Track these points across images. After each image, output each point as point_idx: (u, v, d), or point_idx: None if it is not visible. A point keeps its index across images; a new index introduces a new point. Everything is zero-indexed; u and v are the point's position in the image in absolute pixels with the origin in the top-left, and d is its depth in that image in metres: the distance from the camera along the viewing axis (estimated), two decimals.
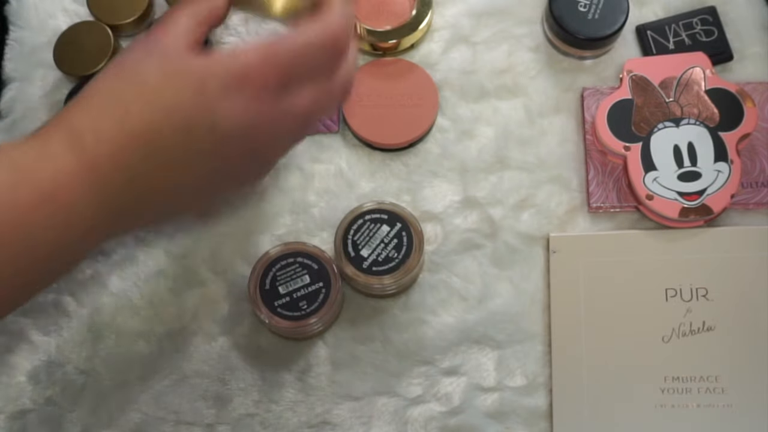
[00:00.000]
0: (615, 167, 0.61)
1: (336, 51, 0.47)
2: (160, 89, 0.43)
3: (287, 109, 0.45)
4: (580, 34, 0.62)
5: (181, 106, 0.43)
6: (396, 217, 0.57)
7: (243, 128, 0.44)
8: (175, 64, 0.44)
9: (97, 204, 0.42)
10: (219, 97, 0.43)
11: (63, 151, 0.41)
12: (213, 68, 0.43)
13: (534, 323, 0.60)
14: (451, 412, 0.58)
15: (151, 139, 0.42)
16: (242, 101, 0.43)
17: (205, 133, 0.43)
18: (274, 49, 0.44)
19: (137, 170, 0.42)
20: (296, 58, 0.45)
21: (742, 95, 0.61)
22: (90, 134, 0.42)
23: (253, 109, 0.44)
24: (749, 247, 0.59)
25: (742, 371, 0.57)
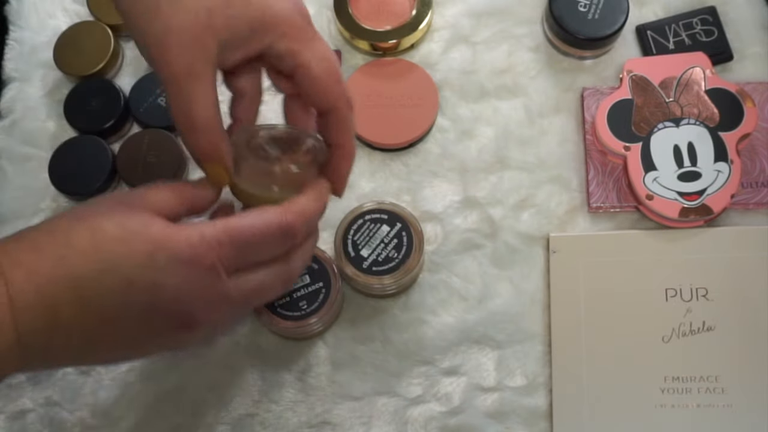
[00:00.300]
0: (615, 167, 0.62)
1: (290, 241, 0.47)
2: (113, 242, 0.43)
3: (230, 293, 0.45)
4: (580, 34, 0.62)
5: (128, 265, 0.43)
6: (396, 217, 0.57)
7: (181, 302, 0.44)
8: (137, 224, 0.44)
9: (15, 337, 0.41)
10: (166, 268, 0.43)
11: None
12: (169, 240, 0.44)
13: (534, 323, 0.60)
14: (451, 412, 0.58)
15: (87, 287, 0.42)
16: (188, 277, 0.44)
17: (143, 296, 0.43)
18: (230, 232, 0.45)
19: (64, 314, 0.42)
20: (250, 244, 0.45)
21: (742, 95, 0.61)
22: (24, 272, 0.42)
23: (196, 287, 0.44)
24: (749, 247, 0.59)
25: (742, 371, 0.57)
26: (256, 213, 0.46)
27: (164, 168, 0.62)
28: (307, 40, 0.48)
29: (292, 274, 0.49)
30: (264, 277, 0.47)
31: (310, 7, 0.67)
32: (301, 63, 0.48)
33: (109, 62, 0.65)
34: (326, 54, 0.49)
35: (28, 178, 0.64)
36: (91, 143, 0.63)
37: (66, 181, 0.62)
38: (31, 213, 0.63)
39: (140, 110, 0.64)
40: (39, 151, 0.65)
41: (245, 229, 0.45)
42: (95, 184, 0.62)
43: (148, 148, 0.62)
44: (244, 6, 0.46)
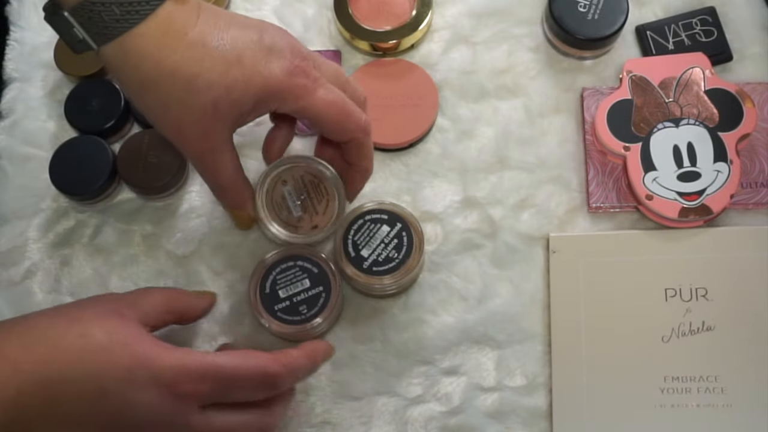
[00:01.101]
0: (615, 167, 0.62)
1: (270, 390, 0.49)
2: (99, 350, 0.45)
3: (195, 425, 0.46)
4: (580, 35, 0.62)
5: (106, 375, 0.44)
6: (396, 217, 0.57)
7: (146, 423, 0.45)
8: (125, 336, 0.46)
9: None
10: (143, 385, 0.45)
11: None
12: (152, 360, 0.45)
13: (534, 323, 0.60)
14: (451, 412, 0.58)
15: (61, 391, 0.43)
16: (160, 400, 0.45)
17: (113, 409, 0.44)
18: (214, 367, 0.47)
19: (33, 413, 0.43)
20: (230, 382, 0.47)
21: (741, 95, 0.61)
22: (7, 365, 0.43)
23: (165, 411, 0.45)
24: (749, 247, 0.59)
25: (742, 371, 0.57)
26: (246, 355, 0.49)
27: (164, 168, 0.62)
28: (309, 94, 0.50)
29: (269, 424, 0.50)
30: (236, 419, 0.48)
31: (309, 7, 0.67)
32: (309, 116, 0.51)
33: None
34: (330, 98, 0.51)
35: (28, 178, 0.64)
36: (92, 143, 0.63)
37: (66, 181, 0.62)
38: (31, 213, 0.64)
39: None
40: (39, 151, 0.65)
41: (229, 368, 0.47)
42: (95, 184, 0.62)
43: (148, 148, 0.62)
44: (245, 87, 0.48)
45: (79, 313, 0.47)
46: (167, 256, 0.62)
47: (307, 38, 0.67)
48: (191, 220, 0.63)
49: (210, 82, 0.47)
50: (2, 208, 0.64)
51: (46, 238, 0.63)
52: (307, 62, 0.50)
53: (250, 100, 0.49)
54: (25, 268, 0.62)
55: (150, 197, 0.63)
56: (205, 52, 0.47)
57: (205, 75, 0.47)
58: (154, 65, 0.46)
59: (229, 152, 0.52)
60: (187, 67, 0.46)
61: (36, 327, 0.46)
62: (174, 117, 0.48)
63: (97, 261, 0.62)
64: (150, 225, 0.63)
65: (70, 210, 0.64)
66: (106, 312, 0.48)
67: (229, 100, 0.48)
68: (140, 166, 0.62)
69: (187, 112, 0.48)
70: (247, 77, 0.48)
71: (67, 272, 0.62)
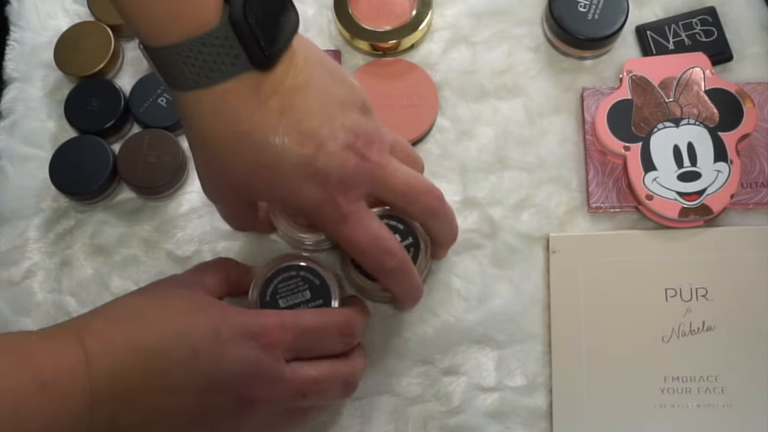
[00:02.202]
0: (615, 167, 0.62)
1: (347, 339, 0.51)
2: (181, 314, 0.46)
3: (286, 375, 0.47)
4: (580, 34, 0.62)
5: (194, 336, 0.45)
6: (403, 222, 0.56)
7: (241, 377, 0.46)
8: (203, 300, 0.48)
9: (87, 405, 0.43)
10: (231, 340, 0.46)
11: (69, 350, 0.43)
12: (234, 316, 0.47)
13: (534, 323, 0.60)
14: (451, 412, 0.58)
15: (155, 357, 0.44)
16: (249, 352, 0.46)
17: (207, 367, 0.45)
18: (293, 319, 0.49)
19: (133, 384, 0.44)
20: (310, 333, 0.49)
21: (741, 95, 0.61)
22: (99, 340, 0.44)
23: (256, 363, 0.46)
24: (749, 247, 0.59)
25: (742, 371, 0.57)
26: (318, 310, 0.52)
27: (164, 168, 0.62)
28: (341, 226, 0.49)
29: (350, 376, 0.51)
30: (323, 368, 0.49)
31: (309, 7, 0.67)
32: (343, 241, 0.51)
33: (109, 62, 0.65)
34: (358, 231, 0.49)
35: (28, 178, 0.64)
36: (91, 143, 0.63)
37: (66, 181, 0.62)
38: (31, 213, 0.64)
39: (140, 110, 0.64)
40: (39, 151, 0.65)
41: (307, 319, 0.49)
42: (95, 184, 0.62)
43: (148, 148, 0.62)
44: (267, 190, 0.49)
45: (154, 291, 0.49)
46: (167, 256, 0.62)
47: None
48: (191, 220, 0.63)
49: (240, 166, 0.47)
50: (2, 208, 0.64)
51: (46, 238, 0.63)
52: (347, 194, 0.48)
53: (272, 199, 0.52)
54: (25, 268, 0.62)
55: (150, 197, 0.63)
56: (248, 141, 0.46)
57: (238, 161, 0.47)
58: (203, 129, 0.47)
59: (242, 209, 0.54)
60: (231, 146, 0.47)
61: (119, 307, 0.47)
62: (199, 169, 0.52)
63: (97, 261, 0.62)
64: (150, 225, 0.63)
65: (70, 210, 0.64)
66: (179, 285, 0.50)
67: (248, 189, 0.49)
68: (140, 166, 0.62)
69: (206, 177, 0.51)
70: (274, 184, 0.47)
71: (67, 272, 0.62)
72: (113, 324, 0.45)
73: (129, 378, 0.44)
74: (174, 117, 0.63)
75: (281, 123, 0.46)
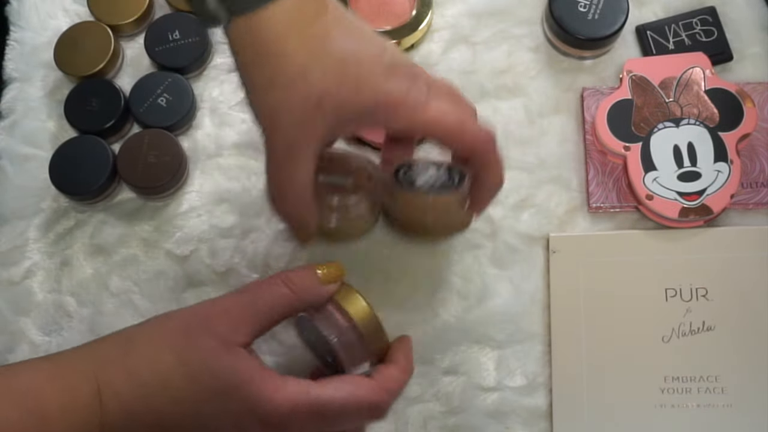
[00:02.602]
0: (615, 167, 0.62)
1: (375, 419, 0.48)
2: (207, 397, 0.44)
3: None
4: (580, 34, 0.62)
5: (217, 424, 0.45)
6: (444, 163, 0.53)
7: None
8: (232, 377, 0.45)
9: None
10: (250, 426, 0.45)
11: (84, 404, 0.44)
12: (261, 404, 0.45)
13: (534, 323, 0.60)
14: (451, 412, 0.58)
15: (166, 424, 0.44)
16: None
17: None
18: (318, 405, 0.45)
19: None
20: (336, 416, 0.46)
21: (741, 95, 0.61)
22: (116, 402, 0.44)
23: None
24: (749, 247, 0.59)
25: (742, 371, 0.57)
26: (352, 386, 0.47)
27: (164, 168, 0.62)
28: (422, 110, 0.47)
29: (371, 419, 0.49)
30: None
31: None
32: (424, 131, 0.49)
33: (109, 62, 0.65)
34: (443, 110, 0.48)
35: (28, 178, 0.64)
36: (91, 143, 0.63)
37: (66, 181, 0.62)
38: (31, 213, 0.64)
39: (140, 110, 0.64)
40: (39, 151, 0.65)
41: (337, 404, 0.46)
42: (95, 184, 0.62)
43: (148, 148, 0.62)
44: (356, 92, 0.46)
45: (185, 348, 0.46)
46: (167, 256, 0.62)
47: None
48: (191, 220, 0.63)
49: (323, 74, 0.45)
50: (2, 208, 0.64)
51: (46, 238, 0.63)
52: (419, 84, 0.48)
53: (358, 107, 0.46)
54: (25, 268, 0.62)
55: (150, 197, 0.63)
56: (324, 48, 0.46)
57: (318, 67, 0.45)
58: (273, 45, 0.45)
59: (309, 163, 0.47)
60: (304, 55, 0.45)
61: (143, 361, 0.45)
62: (274, 98, 0.46)
63: (97, 261, 0.62)
64: (150, 225, 0.63)
65: (70, 210, 0.64)
66: (213, 346, 0.45)
67: (336, 99, 0.46)
68: (140, 166, 0.62)
69: (289, 95, 0.46)
70: (361, 84, 0.46)
71: (67, 272, 0.62)
72: (133, 388, 0.44)
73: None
74: (174, 117, 0.63)
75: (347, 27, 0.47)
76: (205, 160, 0.64)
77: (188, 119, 0.64)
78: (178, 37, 0.65)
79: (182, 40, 0.65)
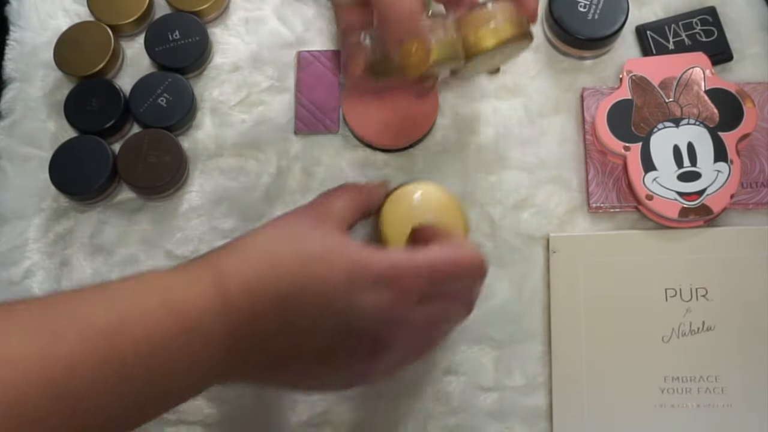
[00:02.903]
0: (615, 167, 0.62)
1: (479, 277, 0.51)
2: (315, 259, 0.46)
3: (417, 319, 0.47)
4: (580, 35, 0.62)
5: (330, 281, 0.45)
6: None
7: (373, 322, 0.46)
8: (336, 243, 0.47)
9: (225, 348, 0.43)
10: (365, 286, 0.45)
11: (209, 291, 0.43)
12: (368, 259, 0.46)
13: (534, 323, 0.60)
14: (451, 412, 0.58)
15: (290, 305, 0.44)
16: (383, 297, 0.46)
17: (340, 312, 0.45)
18: (428, 264, 0.47)
19: (267, 327, 0.44)
20: (444, 274, 0.48)
21: (741, 95, 0.61)
22: (235, 283, 0.44)
23: (388, 309, 0.46)
24: (749, 247, 0.59)
25: (742, 371, 0.57)
26: (455, 246, 0.49)
27: (164, 168, 0.62)
28: None
29: (472, 303, 0.51)
30: (449, 304, 0.49)
31: (309, 7, 0.67)
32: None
33: (109, 62, 0.65)
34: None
35: (28, 178, 0.64)
36: (91, 143, 0.63)
37: (66, 181, 0.62)
38: (32, 213, 0.64)
39: (140, 110, 0.64)
40: (39, 151, 0.65)
41: (441, 261, 0.48)
42: (95, 184, 0.62)
43: (148, 148, 0.62)
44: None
45: (279, 227, 0.49)
46: (167, 255, 0.62)
47: (307, 38, 0.67)
48: (191, 220, 0.63)
49: None
50: (2, 208, 0.64)
51: (46, 238, 0.63)
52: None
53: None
54: (25, 268, 0.62)
55: (150, 197, 0.63)
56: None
57: None
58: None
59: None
60: None
61: (252, 248, 0.46)
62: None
63: (97, 261, 0.62)
64: (150, 225, 0.63)
65: (70, 210, 0.64)
66: (309, 224, 0.48)
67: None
68: (140, 166, 0.62)
69: None
70: None
71: (67, 272, 0.62)
72: (249, 267, 0.45)
73: (263, 322, 0.44)
74: (174, 117, 0.63)
75: None
76: (205, 160, 0.64)
77: (188, 119, 0.64)
78: (178, 37, 0.65)
79: (182, 40, 0.65)
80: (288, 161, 0.64)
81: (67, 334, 0.38)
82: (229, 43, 0.67)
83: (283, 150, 0.64)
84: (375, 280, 0.46)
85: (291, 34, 0.67)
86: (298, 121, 0.64)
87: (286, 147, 0.64)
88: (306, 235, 0.47)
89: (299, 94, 0.65)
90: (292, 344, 0.45)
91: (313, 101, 0.65)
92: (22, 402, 0.36)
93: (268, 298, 0.44)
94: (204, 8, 0.66)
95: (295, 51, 0.66)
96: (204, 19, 0.67)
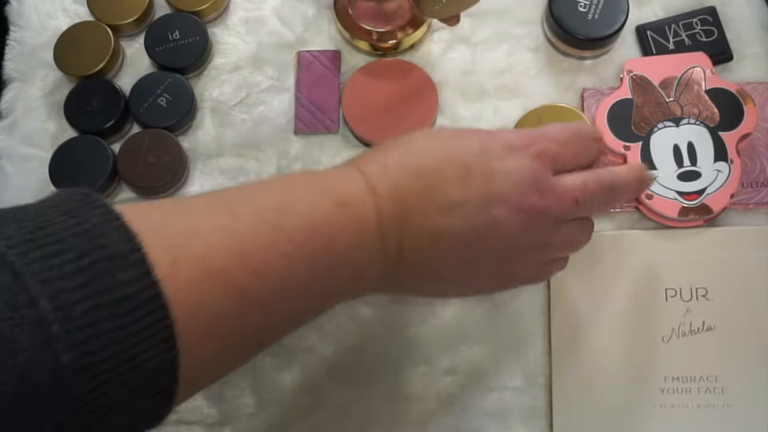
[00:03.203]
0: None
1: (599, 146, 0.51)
2: (448, 137, 0.48)
3: (555, 185, 0.47)
4: (580, 34, 0.62)
5: (464, 154, 0.46)
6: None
7: (517, 184, 0.46)
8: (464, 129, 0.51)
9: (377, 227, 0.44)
10: (501, 153, 0.46)
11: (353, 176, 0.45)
12: (498, 132, 0.49)
13: (534, 323, 0.59)
14: (451, 412, 0.58)
15: (430, 179, 0.45)
16: (521, 159, 0.46)
17: (481, 181, 0.45)
18: (552, 126, 0.49)
19: (412, 205, 0.45)
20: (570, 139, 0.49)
21: (742, 95, 0.61)
22: (376, 165, 0.45)
23: (530, 168, 0.47)
24: (749, 247, 0.59)
25: (742, 371, 0.57)
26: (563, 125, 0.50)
27: (164, 168, 0.62)
28: None
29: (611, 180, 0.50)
30: (586, 177, 0.49)
31: (309, 7, 0.67)
32: None
33: (109, 62, 0.65)
34: None
35: (28, 178, 0.64)
36: (91, 143, 0.63)
37: (66, 181, 0.62)
38: None
39: (140, 110, 0.64)
40: (39, 151, 0.65)
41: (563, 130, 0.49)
42: (95, 184, 0.62)
43: (148, 148, 0.62)
44: None
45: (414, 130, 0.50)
46: None
47: (307, 38, 0.67)
48: None
49: None
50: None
51: None
52: None
53: None
54: None
55: (150, 197, 0.63)
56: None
57: None
58: None
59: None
60: None
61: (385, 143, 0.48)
62: None
63: None
64: None
65: None
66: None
67: None
68: (140, 166, 0.62)
69: None
70: None
71: None
72: (386, 152, 0.46)
73: (408, 197, 0.45)
74: (174, 117, 0.63)
75: None
76: (205, 160, 0.64)
77: (188, 119, 0.64)
78: (178, 37, 0.65)
79: (182, 40, 0.65)
80: (288, 161, 0.64)
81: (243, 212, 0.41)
82: (229, 43, 0.67)
83: (283, 150, 0.64)
84: (510, 146, 0.46)
85: (291, 34, 0.67)
86: (298, 121, 0.64)
87: (286, 147, 0.64)
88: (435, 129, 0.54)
89: (299, 94, 0.65)
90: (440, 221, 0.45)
91: (313, 101, 0.65)
92: (215, 269, 0.38)
93: (408, 173, 0.45)
94: (204, 8, 0.66)
95: (295, 51, 0.66)
96: (204, 19, 0.67)
